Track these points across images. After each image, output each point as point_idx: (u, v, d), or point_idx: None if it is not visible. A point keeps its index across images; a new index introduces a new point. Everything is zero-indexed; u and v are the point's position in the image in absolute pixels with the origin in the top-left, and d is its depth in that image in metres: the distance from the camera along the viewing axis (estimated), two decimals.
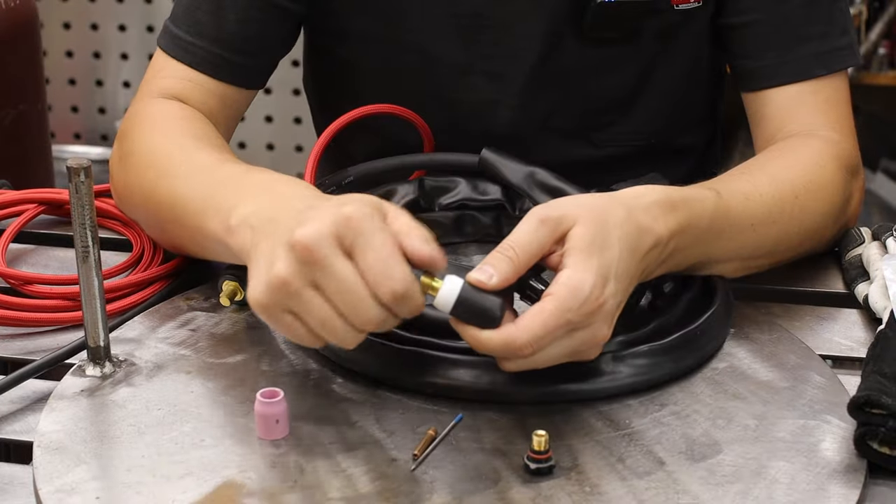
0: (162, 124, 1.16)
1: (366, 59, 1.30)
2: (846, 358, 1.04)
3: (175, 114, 1.18)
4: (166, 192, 1.08)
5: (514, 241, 0.90)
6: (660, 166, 1.21)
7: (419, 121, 1.25)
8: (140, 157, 1.14)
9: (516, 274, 0.89)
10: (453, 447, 0.88)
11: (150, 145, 1.14)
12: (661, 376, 0.96)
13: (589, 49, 1.25)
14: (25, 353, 1.03)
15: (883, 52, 2.95)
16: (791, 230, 1.11)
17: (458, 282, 0.87)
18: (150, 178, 1.11)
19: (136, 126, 1.18)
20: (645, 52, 1.27)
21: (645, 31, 1.25)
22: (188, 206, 1.04)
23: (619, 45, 1.26)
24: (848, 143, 1.21)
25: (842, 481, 0.85)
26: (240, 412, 0.92)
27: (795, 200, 1.11)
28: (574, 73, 1.27)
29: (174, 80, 1.22)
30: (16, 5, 1.90)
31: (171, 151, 1.11)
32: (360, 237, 0.85)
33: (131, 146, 1.16)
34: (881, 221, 1.37)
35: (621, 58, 1.27)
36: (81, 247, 0.92)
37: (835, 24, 1.23)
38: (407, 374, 0.94)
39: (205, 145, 1.11)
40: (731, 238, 1.05)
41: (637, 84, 1.29)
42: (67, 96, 3.08)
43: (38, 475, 0.85)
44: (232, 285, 1.06)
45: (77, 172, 0.90)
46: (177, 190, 1.06)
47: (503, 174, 1.16)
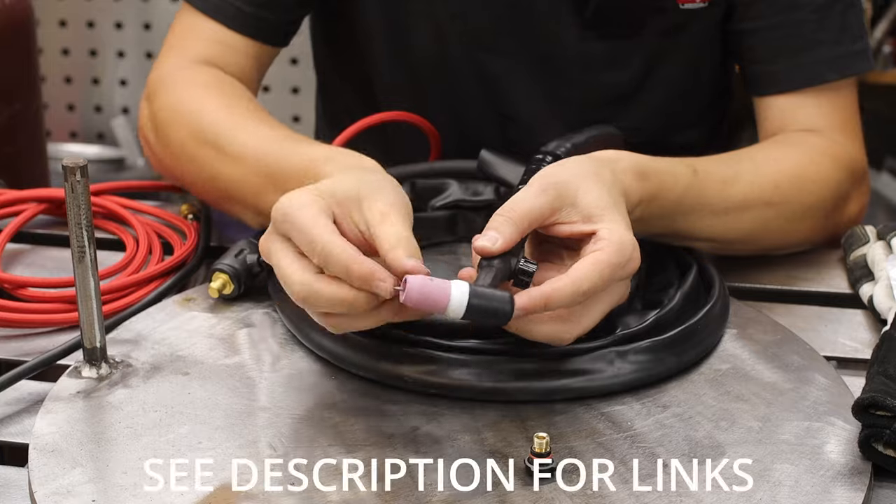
0: (200, 89, 1.18)
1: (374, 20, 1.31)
2: (851, 359, 1.04)
3: (214, 81, 1.20)
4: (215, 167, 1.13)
5: (514, 204, 0.90)
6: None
7: (429, 126, 1.26)
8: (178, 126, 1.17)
9: (519, 236, 0.89)
10: (454, 448, 0.87)
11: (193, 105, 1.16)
12: (664, 371, 0.95)
13: (590, 43, 1.25)
14: (21, 355, 1.02)
15: (888, 51, 2.94)
16: (769, 219, 1.12)
17: (464, 287, 0.86)
18: (190, 144, 1.15)
19: (172, 84, 1.20)
20: (647, 49, 1.27)
21: (648, 28, 1.25)
22: None
23: (621, 39, 1.25)
24: (852, 147, 1.21)
25: (846, 484, 0.84)
26: (237, 414, 0.91)
27: (776, 190, 1.12)
28: (575, 66, 1.27)
29: (207, 44, 1.23)
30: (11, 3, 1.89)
31: (218, 128, 1.13)
32: (292, 232, 0.88)
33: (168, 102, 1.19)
34: (886, 220, 1.36)
35: (623, 53, 1.27)
36: (77, 247, 0.91)
37: (847, 29, 1.23)
38: (407, 374, 0.93)
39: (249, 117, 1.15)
40: (700, 218, 1.07)
41: (638, 80, 1.29)
42: (63, 94, 3.07)
43: (33, 477, 0.84)
44: (222, 278, 1.05)
45: (73, 171, 0.89)
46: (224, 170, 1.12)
47: (501, 174, 1.16)
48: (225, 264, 1.06)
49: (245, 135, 1.11)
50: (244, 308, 1.06)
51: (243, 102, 1.18)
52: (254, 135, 1.10)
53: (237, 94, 1.19)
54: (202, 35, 1.24)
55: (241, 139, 1.10)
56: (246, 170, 1.09)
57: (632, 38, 1.25)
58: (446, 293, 0.84)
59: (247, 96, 1.20)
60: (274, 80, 2.79)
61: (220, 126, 1.13)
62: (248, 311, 1.06)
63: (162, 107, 1.19)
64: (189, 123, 1.16)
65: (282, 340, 1.01)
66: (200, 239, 1.18)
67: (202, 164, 1.14)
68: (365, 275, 0.84)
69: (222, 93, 1.18)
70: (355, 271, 0.84)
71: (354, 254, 0.85)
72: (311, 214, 0.87)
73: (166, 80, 1.21)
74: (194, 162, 1.15)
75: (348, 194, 0.90)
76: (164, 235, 1.20)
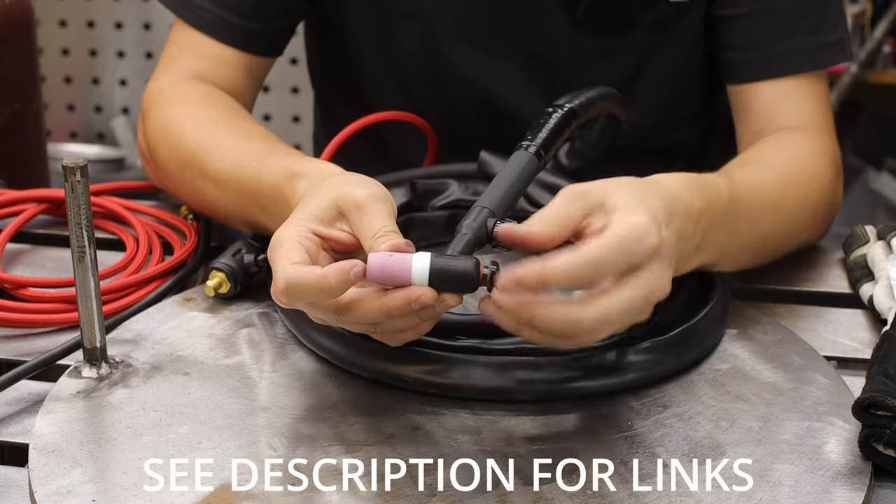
0: (189, 106, 1.19)
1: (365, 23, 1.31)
2: (851, 359, 1.04)
3: (203, 97, 1.21)
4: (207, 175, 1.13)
5: (542, 214, 0.87)
6: (653, 163, 1.21)
7: (424, 124, 1.26)
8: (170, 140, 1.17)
9: (552, 239, 0.85)
10: (454, 448, 0.87)
11: (177, 125, 1.17)
12: (664, 371, 0.95)
13: (582, 39, 1.25)
14: (21, 355, 1.02)
15: (888, 51, 2.94)
16: (793, 219, 1.12)
17: (425, 257, 0.85)
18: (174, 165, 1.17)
19: (162, 103, 1.21)
20: (639, 44, 1.27)
21: (639, 23, 1.25)
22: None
23: (612, 36, 1.26)
24: (833, 141, 1.23)
25: (846, 484, 0.84)
26: (237, 414, 0.91)
27: (797, 190, 1.12)
28: (567, 63, 1.27)
29: (199, 59, 1.24)
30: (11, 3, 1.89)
31: (199, 149, 1.14)
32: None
33: (158, 122, 1.19)
34: (886, 220, 1.37)
35: (615, 49, 1.27)
36: (77, 247, 0.91)
37: (826, 19, 1.23)
38: (407, 374, 0.93)
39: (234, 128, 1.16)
40: (748, 221, 1.04)
41: (631, 76, 1.29)
42: (63, 94, 3.07)
43: (33, 478, 0.84)
44: (219, 276, 1.06)
45: (73, 171, 0.89)
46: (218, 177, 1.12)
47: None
48: (222, 263, 1.06)
49: (223, 155, 1.11)
50: (244, 308, 1.06)
51: (230, 116, 1.18)
52: (231, 154, 1.11)
53: (225, 108, 1.20)
54: (194, 50, 1.25)
55: (219, 161, 1.11)
56: (226, 191, 1.11)
57: (623, 34, 1.26)
58: (407, 264, 0.84)
59: (234, 109, 1.21)
60: (274, 80, 2.79)
61: (201, 147, 1.13)
62: (248, 311, 1.06)
63: (153, 126, 1.20)
64: (173, 144, 1.17)
65: (282, 340, 1.01)
66: (200, 239, 1.18)
67: (188, 185, 1.16)
68: (338, 270, 0.84)
69: (209, 108, 1.19)
70: (328, 275, 0.84)
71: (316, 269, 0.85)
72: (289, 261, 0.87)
73: (157, 98, 1.22)
74: (182, 182, 1.17)
75: (325, 210, 0.91)
76: (164, 235, 1.20)
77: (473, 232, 0.89)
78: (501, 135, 1.29)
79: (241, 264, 1.07)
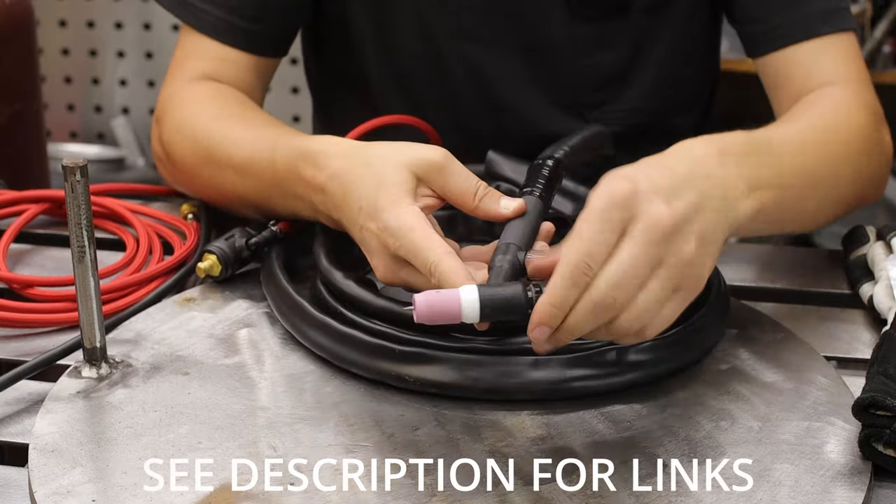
0: (199, 105, 1.21)
1: (363, 21, 1.32)
2: (850, 359, 1.04)
3: (211, 94, 1.23)
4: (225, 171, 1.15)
5: None
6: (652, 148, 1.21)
7: (427, 127, 1.26)
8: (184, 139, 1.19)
9: None
10: (454, 448, 0.87)
11: (190, 123, 1.19)
12: (664, 371, 0.95)
13: (578, 26, 1.26)
14: (21, 355, 1.02)
15: (888, 51, 2.94)
16: (840, 164, 1.10)
17: (473, 289, 0.85)
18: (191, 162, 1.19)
19: (174, 107, 1.23)
20: (635, 27, 1.28)
21: (634, 6, 1.26)
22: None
23: (608, 20, 1.26)
24: (870, 93, 1.22)
25: (846, 484, 0.84)
26: (237, 414, 0.91)
27: (836, 135, 1.11)
28: (564, 49, 1.27)
29: (207, 61, 1.26)
30: (11, 3, 1.89)
31: (210, 142, 1.16)
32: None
33: (172, 125, 1.21)
34: (886, 220, 1.36)
35: (611, 35, 1.28)
36: (77, 247, 0.91)
37: None
38: (407, 374, 0.93)
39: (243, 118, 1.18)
40: (790, 154, 1.02)
41: (628, 61, 1.30)
42: (63, 94, 3.07)
43: (33, 478, 0.84)
44: (211, 259, 1.08)
45: (73, 171, 0.89)
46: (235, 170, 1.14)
47: (508, 174, 1.16)
48: (215, 246, 1.09)
49: (236, 144, 1.13)
50: (244, 308, 1.06)
51: (239, 108, 1.20)
52: (244, 142, 1.13)
53: (234, 101, 1.22)
54: (201, 53, 1.27)
55: (234, 150, 1.13)
56: (244, 179, 1.12)
57: (618, 19, 1.27)
58: (455, 301, 0.84)
59: (243, 101, 1.23)
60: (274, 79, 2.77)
61: (215, 139, 1.15)
62: (248, 311, 1.06)
63: (168, 129, 1.22)
64: (188, 142, 1.19)
65: (282, 340, 1.01)
66: (200, 239, 1.18)
67: (206, 179, 1.18)
68: None
69: (219, 103, 1.21)
70: None
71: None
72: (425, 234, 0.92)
73: (169, 104, 1.24)
74: (201, 178, 1.19)
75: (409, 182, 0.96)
76: (164, 235, 1.20)
77: (510, 263, 0.91)
78: (504, 128, 1.30)
79: (234, 248, 1.09)
